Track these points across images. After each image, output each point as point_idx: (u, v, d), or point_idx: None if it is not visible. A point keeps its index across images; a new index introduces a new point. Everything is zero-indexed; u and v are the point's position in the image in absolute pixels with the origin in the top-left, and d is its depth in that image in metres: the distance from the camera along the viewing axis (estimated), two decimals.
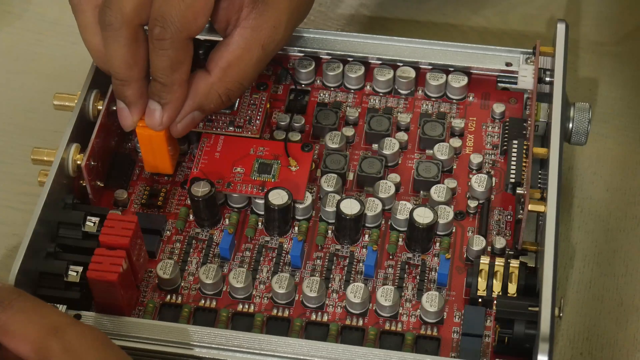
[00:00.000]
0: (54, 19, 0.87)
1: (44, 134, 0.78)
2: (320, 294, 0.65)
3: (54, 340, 0.54)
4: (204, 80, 0.66)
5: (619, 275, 0.72)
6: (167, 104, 0.65)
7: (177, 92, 0.65)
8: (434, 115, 0.74)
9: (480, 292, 0.64)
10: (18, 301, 0.56)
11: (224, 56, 0.65)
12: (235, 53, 0.65)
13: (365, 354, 0.61)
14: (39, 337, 0.54)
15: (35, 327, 0.55)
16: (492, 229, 0.68)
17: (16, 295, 0.56)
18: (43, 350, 0.54)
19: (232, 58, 0.65)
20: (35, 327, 0.55)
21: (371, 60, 0.75)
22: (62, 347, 0.54)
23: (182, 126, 0.67)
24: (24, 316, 0.55)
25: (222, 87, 0.66)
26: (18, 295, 0.56)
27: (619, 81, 0.82)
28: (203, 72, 0.66)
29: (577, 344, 0.69)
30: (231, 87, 0.66)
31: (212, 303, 0.65)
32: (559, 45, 0.72)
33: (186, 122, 0.67)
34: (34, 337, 0.54)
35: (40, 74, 0.83)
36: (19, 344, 0.54)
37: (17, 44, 0.85)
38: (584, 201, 0.75)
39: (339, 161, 0.70)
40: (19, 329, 0.55)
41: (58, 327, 0.55)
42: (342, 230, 0.67)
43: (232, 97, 0.67)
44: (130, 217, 0.63)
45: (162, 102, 0.65)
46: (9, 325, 0.55)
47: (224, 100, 0.67)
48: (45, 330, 0.55)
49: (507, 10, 0.87)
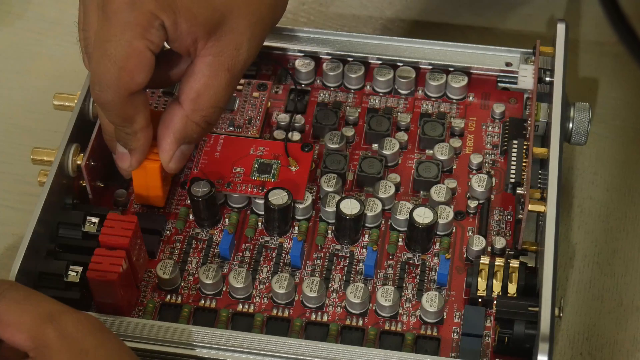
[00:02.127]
0: (54, 19, 0.87)
1: (44, 134, 0.78)
2: (320, 294, 0.65)
3: (49, 327, 0.54)
4: (179, 114, 0.64)
5: (619, 275, 0.72)
6: (133, 150, 0.65)
7: (140, 140, 0.64)
8: (434, 115, 0.74)
9: (480, 292, 0.64)
10: (10, 291, 0.56)
11: (192, 87, 0.63)
12: (202, 82, 0.63)
13: (365, 354, 0.61)
14: (34, 325, 0.54)
15: (29, 315, 0.54)
16: (492, 229, 0.68)
17: (7, 285, 0.56)
18: (39, 338, 0.54)
19: (200, 87, 0.63)
20: (30, 315, 0.54)
21: (371, 60, 0.75)
22: (58, 334, 0.54)
23: (174, 164, 0.65)
24: (17, 306, 0.55)
25: (198, 116, 0.64)
26: (9, 285, 0.56)
27: (619, 81, 0.82)
28: (176, 105, 0.64)
29: (577, 344, 0.69)
30: (207, 114, 0.64)
31: (212, 303, 0.65)
32: (559, 45, 0.72)
33: (176, 158, 0.65)
34: (29, 326, 0.54)
35: (40, 74, 0.83)
36: (15, 334, 0.54)
37: (17, 44, 0.85)
38: (584, 201, 0.75)
39: (339, 161, 0.70)
40: (13, 318, 0.54)
41: (53, 314, 0.55)
42: (342, 230, 0.67)
43: (212, 121, 0.65)
44: (130, 217, 0.63)
45: (128, 148, 0.65)
46: (2, 316, 0.54)
47: (205, 127, 0.65)
48: (40, 318, 0.54)
49: (507, 10, 0.87)
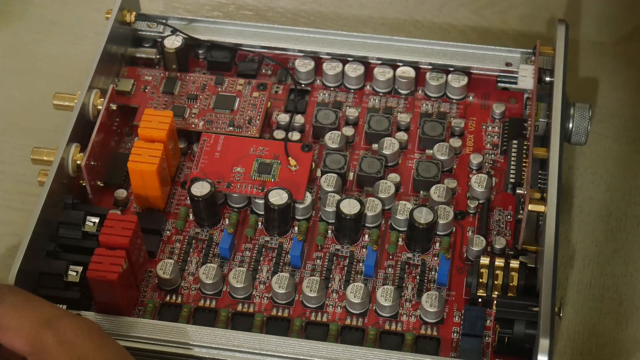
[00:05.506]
0: (54, 19, 0.87)
1: (44, 134, 0.78)
2: (320, 294, 0.65)
3: (48, 332, 0.54)
4: None
5: (619, 275, 0.72)
6: None
7: None
8: (434, 115, 0.74)
9: (480, 292, 0.64)
10: (9, 296, 0.56)
11: None
12: None
13: (365, 354, 0.61)
14: (33, 329, 0.54)
15: (28, 320, 0.54)
16: (492, 229, 0.68)
17: (7, 290, 0.56)
18: (38, 343, 0.54)
19: None
20: (29, 320, 0.54)
21: (371, 60, 0.75)
22: (56, 339, 0.54)
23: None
24: (16, 310, 0.55)
25: None
26: (9, 290, 0.56)
27: (619, 81, 0.82)
28: None
29: (577, 344, 0.69)
30: None
31: (212, 303, 0.65)
32: (559, 45, 0.72)
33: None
34: (28, 330, 0.54)
35: (40, 74, 0.83)
36: (13, 338, 0.54)
37: (17, 44, 0.85)
38: (584, 201, 0.75)
39: (339, 161, 0.70)
40: (12, 323, 0.54)
41: (51, 319, 0.55)
42: (342, 230, 0.67)
43: None
44: (130, 217, 0.63)
45: None
46: (1, 320, 0.55)
47: None
48: (39, 323, 0.54)
49: (507, 10, 0.87)
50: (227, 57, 0.76)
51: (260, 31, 0.76)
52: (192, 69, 0.76)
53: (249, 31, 0.76)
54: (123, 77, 0.75)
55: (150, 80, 0.75)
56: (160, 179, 0.67)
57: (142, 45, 0.77)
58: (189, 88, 0.74)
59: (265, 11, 0.87)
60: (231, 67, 0.77)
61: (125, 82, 0.74)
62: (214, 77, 0.75)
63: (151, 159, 0.66)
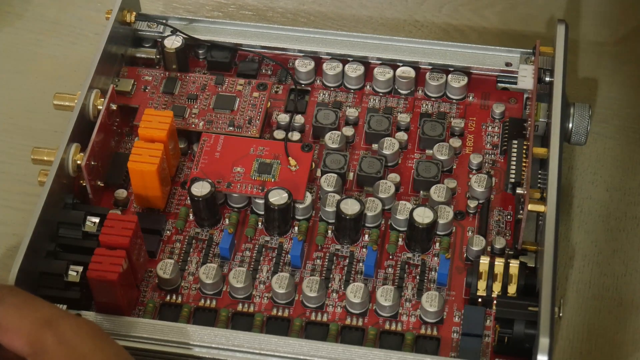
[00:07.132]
0: (54, 19, 0.87)
1: (44, 134, 0.78)
2: (320, 293, 0.65)
3: (48, 332, 0.54)
4: None
5: (619, 275, 0.72)
6: None
7: None
8: (434, 115, 0.74)
9: (480, 292, 0.64)
10: (9, 296, 0.56)
11: None
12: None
13: (365, 354, 0.61)
14: (33, 330, 0.54)
15: (28, 320, 0.55)
16: (492, 229, 0.68)
17: (7, 290, 0.56)
18: (37, 343, 0.54)
19: None
20: (28, 320, 0.55)
21: (371, 60, 0.75)
22: (56, 339, 0.54)
23: None
24: (16, 311, 0.55)
25: None
26: (9, 290, 0.56)
27: (619, 81, 0.82)
28: None
29: (577, 344, 0.69)
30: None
31: (212, 303, 0.65)
32: (559, 45, 0.72)
33: None
34: (28, 331, 0.54)
35: (40, 74, 0.83)
36: (13, 339, 0.54)
37: (17, 44, 0.85)
38: (584, 201, 0.75)
39: (339, 161, 0.70)
40: (12, 323, 0.54)
41: (51, 319, 0.55)
42: (342, 230, 0.67)
43: None
44: (130, 217, 0.63)
45: None
46: (1, 321, 0.55)
47: None
48: (39, 323, 0.54)
49: (507, 10, 0.87)
50: (227, 57, 0.76)
51: (260, 31, 0.76)
52: (192, 69, 0.77)
53: (249, 31, 0.76)
54: (123, 77, 0.75)
55: (150, 80, 0.75)
56: (161, 179, 0.67)
57: (142, 45, 0.77)
58: (189, 88, 0.74)
59: (265, 11, 0.87)
60: (231, 67, 0.77)
61: (126, 82, 0.75)
62: (214, 77, 0.75)
63: (151, 159, 0.66)
